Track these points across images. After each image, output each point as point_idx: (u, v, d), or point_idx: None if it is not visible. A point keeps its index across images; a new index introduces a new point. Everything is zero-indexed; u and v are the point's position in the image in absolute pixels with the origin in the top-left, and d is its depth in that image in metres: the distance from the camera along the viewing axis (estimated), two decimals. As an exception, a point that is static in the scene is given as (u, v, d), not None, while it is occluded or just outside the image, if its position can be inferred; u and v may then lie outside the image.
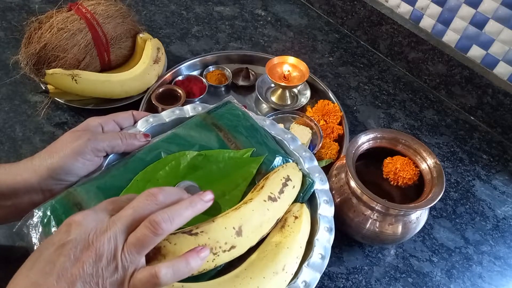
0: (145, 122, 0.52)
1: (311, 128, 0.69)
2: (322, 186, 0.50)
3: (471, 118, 0.81)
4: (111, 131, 0.50)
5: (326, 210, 0.48)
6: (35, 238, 0.40)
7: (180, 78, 0.77)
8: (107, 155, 0.48)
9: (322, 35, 0.94)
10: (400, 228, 0.54)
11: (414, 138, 0.57)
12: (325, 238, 0.46)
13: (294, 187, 0.47)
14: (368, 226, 0.54)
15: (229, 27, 0.93)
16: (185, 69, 0.80)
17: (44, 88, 0.70)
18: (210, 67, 0.80)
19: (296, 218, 0.45)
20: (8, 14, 0.90)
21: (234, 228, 0.40)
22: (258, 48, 0.89)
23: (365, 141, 0.57)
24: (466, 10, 0.74)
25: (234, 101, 0.56)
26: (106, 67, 0.74)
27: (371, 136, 0.58)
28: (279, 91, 0.77)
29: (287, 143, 0.53)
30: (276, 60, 0.76)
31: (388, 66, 0.89)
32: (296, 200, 0.48)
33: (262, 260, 0.42)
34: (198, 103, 0.56)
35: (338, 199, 0.56)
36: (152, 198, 0.35)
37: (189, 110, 0.55)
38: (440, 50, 0.79)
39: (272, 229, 0.44)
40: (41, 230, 0.40)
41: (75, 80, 0.67)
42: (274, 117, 0.71)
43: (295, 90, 0.79)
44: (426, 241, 0.62)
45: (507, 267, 0.60)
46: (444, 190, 0.52)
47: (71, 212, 0.41)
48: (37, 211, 0.41)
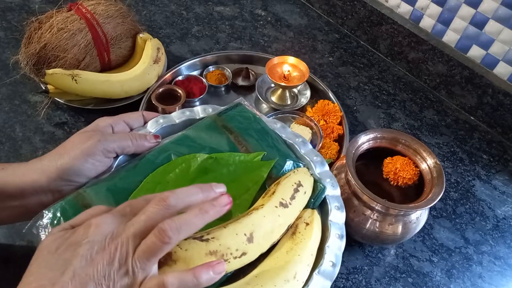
0: (155, 123, 0.52)
1: (311, 128, 0.69)
2: (333, 191, 0.48)
3: (471, 118, 0.81)
4: (121, 132, 0.49)
5: (337, 216, 0.47)
6: None
7: (180, 78, 0.77)
8: (117, 156, 0.48)
9: (322, 35, 0.94)
10: (400, 228, 0.54)
11: (414, 138, 0.57)
12: (336, 246, 0.44)
13: (305, 193, 0.46)
14: (368, 226, 0.54)
15: (229, 27, 0.93)
16: (185, 69, 0.80)
17: (44, 88, 0.70)
18: (210, 67, 0.80)
19: (307, 224, 0.44)
20: (8, 14, 0.90)
21: (245, 234, 0.40)
22: (258, 48, 0.89)
23: (365, 141, 0.57)
24: (466, 10, 0.74)
25: (245, 103, 0.55)
26: (106, 67, 0.74)
27: (371, 136, 0.58)
28: (279, 91, 0.77)
29: (298, 147, 0.52)
30: (276, 60, 0.76)
31: (388, 66, 0.89)
32: (307, 206, 0.47)
33: (273, 267, 0.41)
34: (208, 105, 0.55)
35: (338, 199, 0.56)
36: (163, 203, 0.35)
37: (199, 111, 0.54)
38: (440, 50, 0.79)
39: (283, 235, 0.44)
40: (50, 231, 0.40)
41: (75, 80, 0.67)
42: (274, 117, 0.71)
43: (295, 90, 0.79)
44: (426, 241, 0.62)
45: (507, 267, 0.60)
46: (444, 190, 0.52)
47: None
48: (46, 212, 0.41)
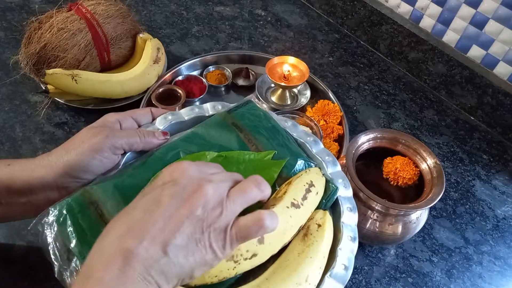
0: (163, 120, 0.51)
1: (311, 128, 0.69)
2: (345, 192, 0.47)
3: (471, 118, 0.81)
4: (129, 128, 0.48)
5: (350, 218, 0.45)
6: (50, 237, 0.39)
7: (180, 78, 0.77)
8: (125, 153, 0.47)
9: (322, 35, 0.94)
10: (400, 228, 0.54)
11: (414, 138, 0.57)
12: (348, 248, 0.43)
13: (317, 193, 0.45)
14: (368, 226, 0.54)
15: (229, 27, 0.93)
16: (185, 69, 0.80)
17: (44, 88, 0.70)
18: (210, 67, 0.80)
19: (319, 226, 0.43)
20: (8, 14, 0.90)
21: None
22: (258, 48, 0.89)
23: (365, 141, 0.57)
24: (466, 10, 0.74)
25: (256, 100, 0.54)
26: (106, 67, 0.74)
27: (371, 136, 0.58)
28: (279, 91, 0.77)
29: (309, 146, 0.50)
30: (276, 60, 0.76)
31: (388, 66, 0.89)
32: (318, 206, 0.46)
33: (284, 270, 0.40)
34: (218, 102, 0.54)
35: (338, 199, 0.56)
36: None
37: (208, 108, 0.53)
38: (440, 50, 0.79)
39: (294, 236, 0.43)
40: (56, 228, 0.39)
41: (75, 80, 0.67)
42: (274, 117, 0.71)
43: (295, 90, 0.79)
44: (426, 241, 0.62)
45: (507, 267, 0.60)
46: (444, 190, 0.52)
47: (87, 211, 0.40)
48: (52, 209, 0.40)
